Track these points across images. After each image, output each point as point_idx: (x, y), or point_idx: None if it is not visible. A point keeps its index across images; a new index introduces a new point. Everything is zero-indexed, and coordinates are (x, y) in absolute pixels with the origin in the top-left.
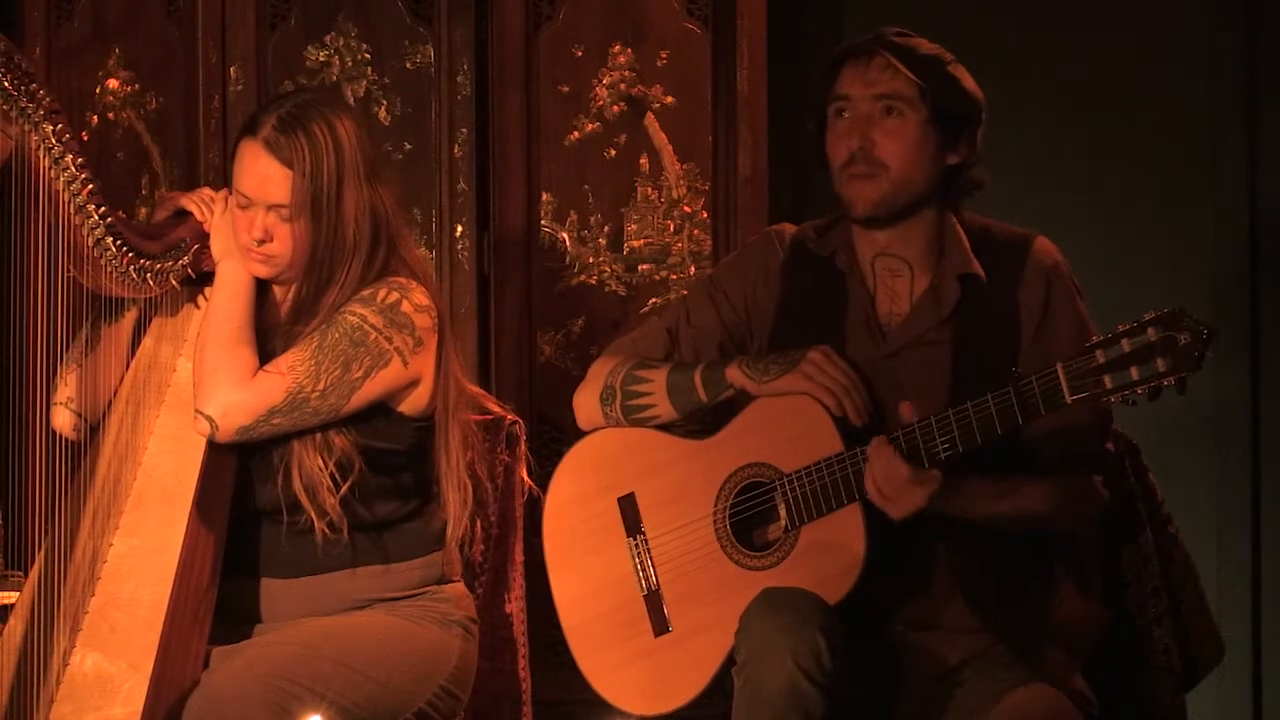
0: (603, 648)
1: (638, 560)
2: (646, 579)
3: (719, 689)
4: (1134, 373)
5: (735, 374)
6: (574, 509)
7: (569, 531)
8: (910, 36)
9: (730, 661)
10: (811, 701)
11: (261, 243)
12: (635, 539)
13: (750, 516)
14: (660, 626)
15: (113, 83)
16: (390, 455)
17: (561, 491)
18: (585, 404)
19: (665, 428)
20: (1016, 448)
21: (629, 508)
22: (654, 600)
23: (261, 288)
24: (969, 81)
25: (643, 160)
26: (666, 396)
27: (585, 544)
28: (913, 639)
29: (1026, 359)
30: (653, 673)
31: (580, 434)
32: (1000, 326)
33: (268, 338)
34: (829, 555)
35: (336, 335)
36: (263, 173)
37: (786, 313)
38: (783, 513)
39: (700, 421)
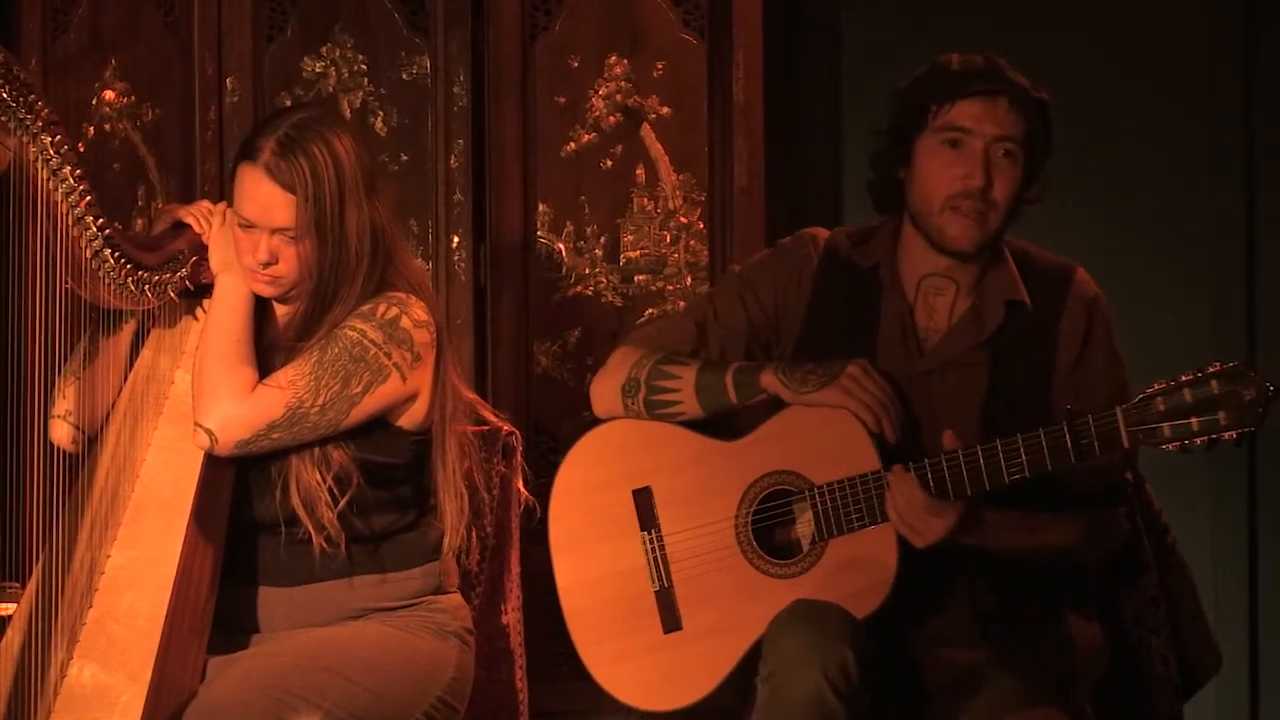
0: (606, 638)
1: (651, 555)
2: (659, 575)
3: (726, 690)
4: (1194, 424)
5: (771, 381)
6: (586, 495)
7: (579, 516)
8: (1013, 70)
9: (743, 665)
10: (836, 714)
11: (267, 265)
12: (650, 533)
13: (772, 523)
14: (672, 623)
15: (109, 94)
16: (388, 469)
17: (574, 475)
18: (605, 392)
19: (686, 424)
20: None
21: (644, 501)
22: (666, 597)
23: (261, 303)
24: (1051, 123)
25: (639, 171)
26: (694, 395)
27: (595, 531)
28: (925, 651)
29: (1060, 389)
30: (659, 669)
31: (576, 440)
32: (1039, 354)
33: (270, 354)
34: (859, 570)
35: (336, 350)
36: (265, 199)
37: (814, 318)
38: (810, 524)
39: (722, 420)
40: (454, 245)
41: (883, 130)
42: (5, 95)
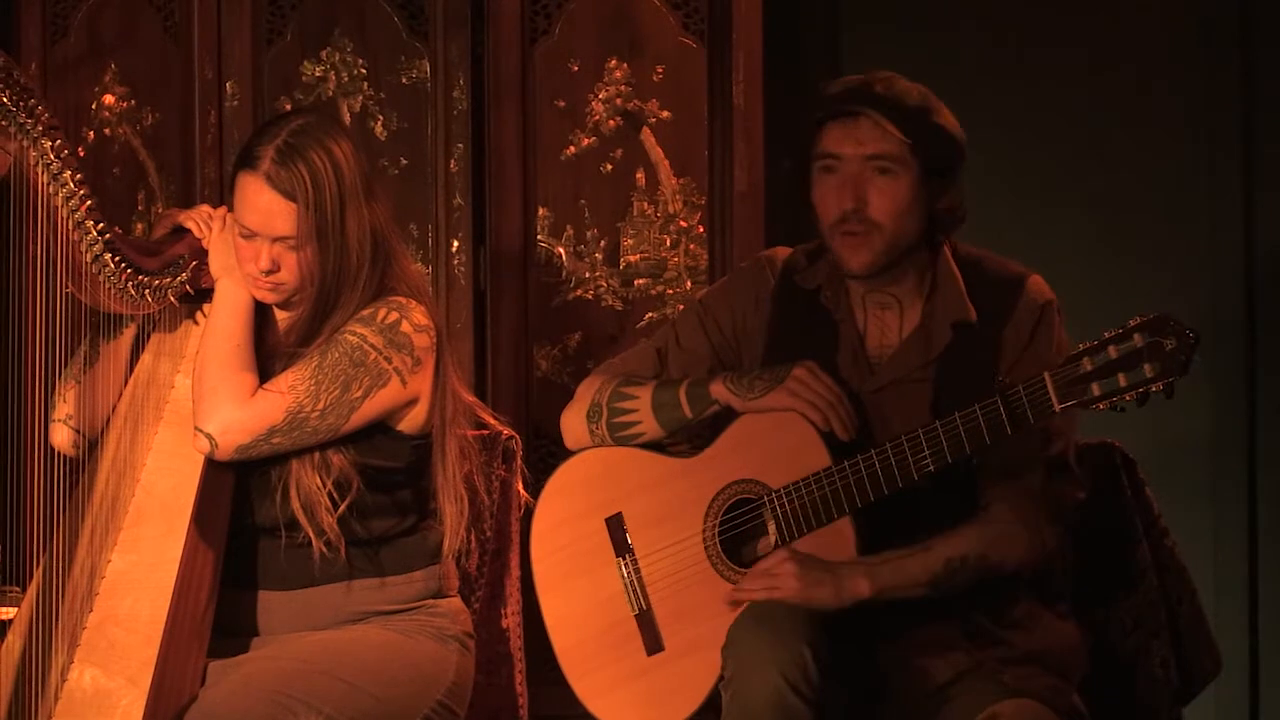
0: (595, 668)
1: (628, 580)
2: (637, 598)
3: (714, 705)
4: (1121, 379)
5: (720, 390)
6: (561, 531)
7: (558, 553)
8: (894, 83)
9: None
10: (798, 715)
11: (268, 273)
12: (624, 559)
13: (740, 533)
14: (653, 645)
15: (109, 98)
16: (388, 473)
17: (548, 514)
18: (573, 423)
19: (651, 446)
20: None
21: (616, 528)
22: (646, 619)
23: (262, 308)
24: (953, 125)
25: (639, 175)
26: (652, 413)
27: (574, 565)
28: (902, 654)
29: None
30: (647, 692)
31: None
32: (979, 365)
33: (271, 360)
34: None
35: (336, 355)
36: (266, 208)
37: (775, 341)
38: (772, 529)
39: (687, 439)
40: (454, 249)
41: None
42: (5, 100)
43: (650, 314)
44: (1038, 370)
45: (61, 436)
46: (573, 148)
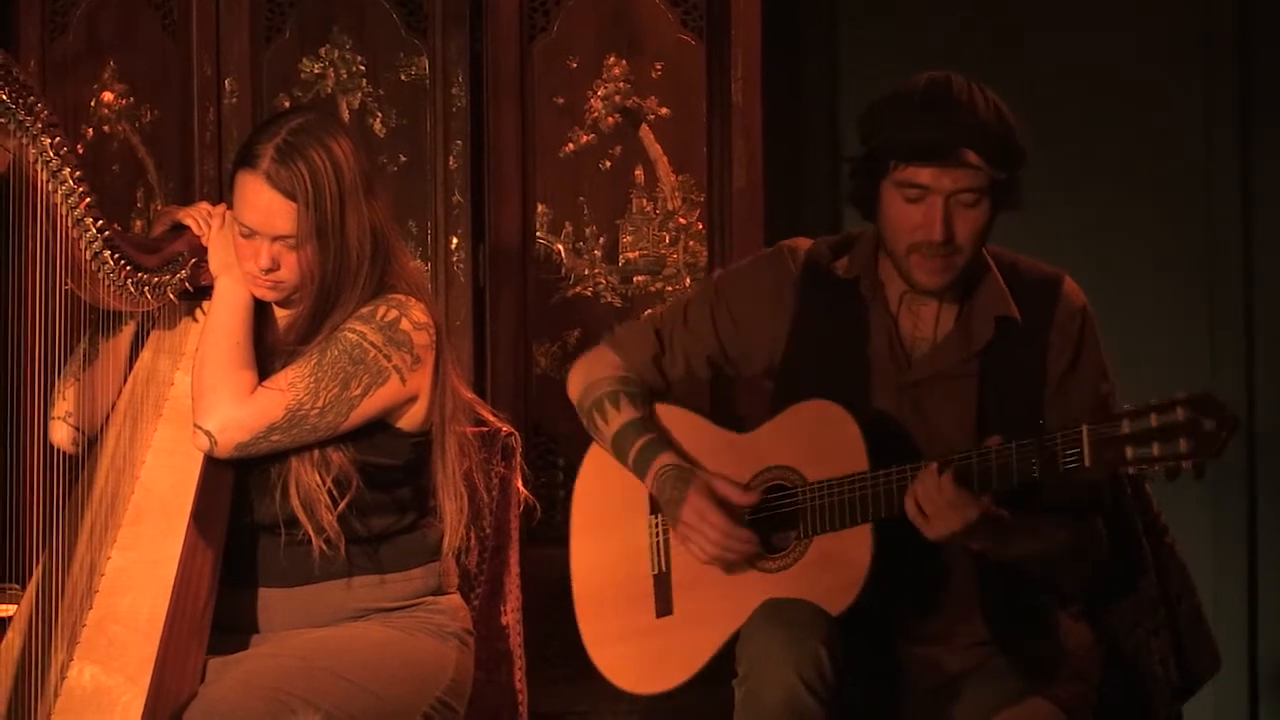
0: (605, 617)
1: (654, 539)
2: (659, 559)
3: (705, 677)
4: (1155, 449)
5: (650, 483)
6: (608, 478)
7: (596, 498)
8: (975, 105)
9: (721, 655)
10: (812, 713)
11: (268, 271)
12: (656, 517)
13: (770, 517)
14: (664, 608)
15: (108, 96)
16: (387, 470)
17: (598, 458)
18: (574, 385)
19: (705, 414)
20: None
21: None
22: (662, 582)
23: (262, 306)
24: (1021, 135)
25: (638, 172)
26: (610, 442)
27: (609, 514)
28: (915, 651)
29: (1051, 400)
30: (647, 652)
31: (576, 447)
32: (1028, 365)
33: (271, 358)
34: (836, 567)
35: (336, 352)
36: (266, 206)
37: (801, 335)
38: (799, 519)
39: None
40: (453, 246)
41: (851, 158)
42: (5, 97)
43: (649, 311)
44: (1081, 390)
45: (61, 434)
46: (571, 145)
